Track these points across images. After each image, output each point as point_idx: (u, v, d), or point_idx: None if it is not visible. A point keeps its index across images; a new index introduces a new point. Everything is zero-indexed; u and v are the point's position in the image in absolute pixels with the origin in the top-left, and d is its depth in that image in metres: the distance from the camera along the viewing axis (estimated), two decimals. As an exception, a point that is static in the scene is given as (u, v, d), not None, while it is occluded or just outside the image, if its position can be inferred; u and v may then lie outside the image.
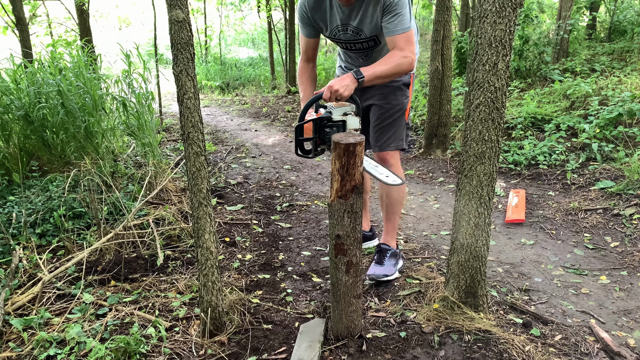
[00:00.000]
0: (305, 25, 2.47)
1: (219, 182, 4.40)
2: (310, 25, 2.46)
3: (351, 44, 2.45)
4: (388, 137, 2.52)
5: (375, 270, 2.53)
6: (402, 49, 2.22)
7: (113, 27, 13.02)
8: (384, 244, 2.66)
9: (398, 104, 2.51)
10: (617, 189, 3.63)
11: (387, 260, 2.59)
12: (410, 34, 2.24)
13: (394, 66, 2.21)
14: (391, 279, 2.53)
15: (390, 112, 2.51)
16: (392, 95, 2.50)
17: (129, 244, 2.88)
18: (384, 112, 2.51)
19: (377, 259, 2.61)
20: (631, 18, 7.05)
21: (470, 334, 2.03)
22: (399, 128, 2.53)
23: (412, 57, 2.23)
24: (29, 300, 2.30)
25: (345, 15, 2.33)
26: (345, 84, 2.11)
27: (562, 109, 5.18)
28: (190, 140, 1.88)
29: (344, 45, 2.49)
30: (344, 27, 2.38)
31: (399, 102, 2.51)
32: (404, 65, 2.22)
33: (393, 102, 2.50)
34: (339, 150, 1.80)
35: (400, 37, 2.22)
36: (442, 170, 4.76)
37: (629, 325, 2.22)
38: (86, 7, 6.62)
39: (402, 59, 2.21)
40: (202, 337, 2.05)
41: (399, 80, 2.49)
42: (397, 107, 2.51)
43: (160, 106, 7.33)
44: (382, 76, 2.21)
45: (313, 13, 2.40)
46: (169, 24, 1.80)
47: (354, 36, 2.38)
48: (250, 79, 11.85)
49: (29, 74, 3.77)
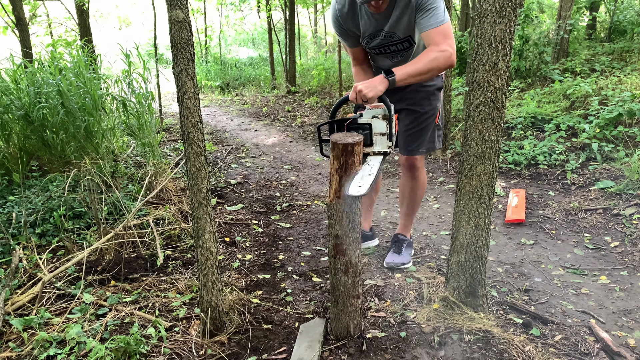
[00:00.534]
0: (346, 38, 2.45)
1: (219, 182, 4.40)
2: (349, 37, 2.44)
3: (384, 48, 2.39)
4: (420, 142, 2.51)
5: (395, 258, 2.69)
6: (438, 44, 2.11)
7: (113, 27, 13.03)
8: (401, 234, 2.83)
9: (431, 109, 2.47)
10: (617, 189, 3.63)
11: (405, 249, 2.76)
12: (446, 27, 2.13)
13: (429, 61, 2.10)
14: (408, 266, 2.69)
15: (424, 118, 2.47)
16: (425, 100, 2.45)
17: (129, 244, 2.88)
18: (417, 117, 2.48)
19: (395, 248, 2.77)
20: (631, 18, 7.05)
21: (470, 334, 2.03)
22: (430, 132, 2.51)
23: (450, 50, 2.12)
24: (29, 300, 2.30)
25: (379, 23, 2.29)
26: (371, 85, 2.05)
27: (562, 109, 5.17)
28: (190, 140, 1.88)
29: (377, 50, 2.43)
30: (376, 33, 2.34)
31: (432, 106, 2.47)
32: (440, 60, 2.10)
33: (426, 107, 2.46)
34: (337, 151, 1.80)
35: (435, 31, 2.12)
36: (442, 170, 4.76)
37: (629, 325, 2.22)
38: (86, 7, 6.62)
39: (437, 53, 2.10)
40: (202, 337, 2.05)
41: (433, 85, 2.44)
42: (430, 112, 2.48)
43: (160, 106, 7.33)
44: (417, 74, 2.10)
45: (347, 24, 2.37)
46: (169, 24, 1.80)
47: (387, 39, 2.34)
48: (250, 79, 11.85)
49: (29, 74, 3.77)
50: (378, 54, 2.47)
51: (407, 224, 2.83)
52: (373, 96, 2.04)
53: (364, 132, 2.01)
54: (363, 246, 2.96)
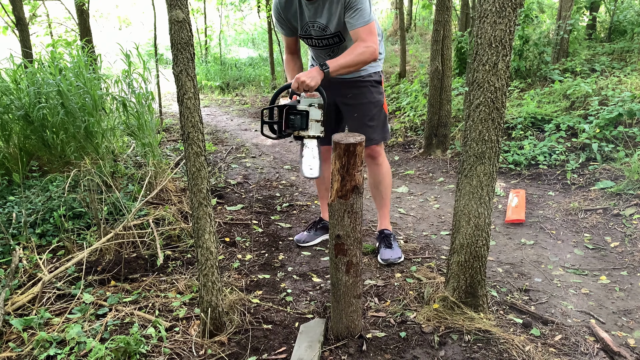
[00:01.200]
0: (282, 26, 2.67)
1: (219, 182, 4.40)
2: (286, 26, 2.66)
3: (319, 40, 2.59)
4: (372, 132, 2.68)
5: (391, 254, 2.78)
6: (364, 40, 2.37)
7: (113, 27, 13.01)
8: (386, 229, 2.93)
9: (375, 100, 2.69)
10: (617, 189, 3.63)
11: (394, 242, 2.87)
12: (371, 26, 2.39)
13: (357, 55, 2.36)
14: (402, 259, 2.80)
15: (369, 108, 2.68)
16: (367, 93, 2.68)
17: (129, 244, 2.88)
18: (363, 109, 2.69)
19: (385, 244, 2.85)
20: (631, 18, 7.04)
21: (470, 334, 2.03)
22: (380, 121, 2.72)
23: (374, 46, 2.37)
24: (29, 300, 2.30)
25: (312, 13, 2.50)
26: (311, 75, 2.27)
27: (562, 109, 5.17)
28: (190, 140, 1.88)
29: (313, 42, 2.63)
30: (312, 24, 2.54)
31: (375, 98, 2.69)
32: (366, 54, 2.36)
33: (370, 98, 2.68)
34: (339, 151, 1.80)
35: (362, 30, 2.37)
36: (442, 170, 4.76)
37: (629, 325, 2.22)
38: (86, 7, 6.62)
39: (364, 48, 2.36)
40: (202, 337, 2.05)
41: (370, 79, 2.67)
42: (374, 102, 2.69)
43: (160, 106, 7.32)
44: (346, 65, 2.36)
45: (286, 13, 2.59)
46: (169, 24, 1.80)
47: (321, 32, 2.54)
48: (250, 79, 11.84)
49: (29, 74, 3.76)
50: (314, 47, 2.69)
51: (386, 215, 2.95)
52: (314, 85, 2.26)
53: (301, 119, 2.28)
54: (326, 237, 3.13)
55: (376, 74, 2.71)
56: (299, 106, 2.31)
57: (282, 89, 2.44)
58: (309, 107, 2.30)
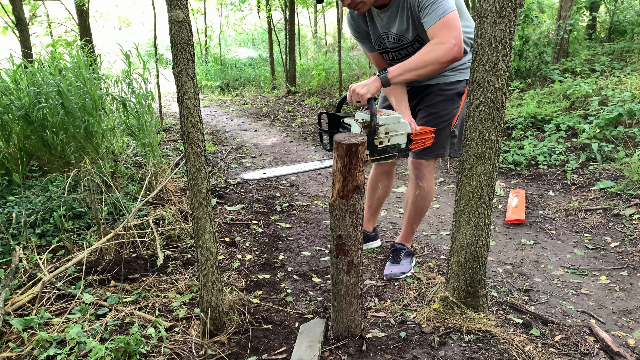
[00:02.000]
0: (362, 41, 2.41)
1: (219, 182, 4.40)
2: (365, 39, 2.40)
3: (396, 52, 2.36)
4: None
5: (392, 269, 2.62)
6: (437, 37, 2.03)
7: (113, 27, 13.01)
8: (400, 243, 2.76)
9: (446, 114, 2.39)
10: (617, 189, 3.63)
11: (403, 258, 2.69)
12: (447, 19, 2.02)
13: (425, 54, 2.02)
14: (408, 275, 2.63)
15: (437, 122, 2.40)
16: (441, 104, 2.38)
17: (129, 244, 2.88)
18: (430, 120, 2.41)
19: (392, 258, 2.70)
20: (631, 18, 7.04)
21: (470, 334, 2.03)
22: (440, 138, 2.42)
23: (452, 42, 2.00)
24: (29, 301, 2.30)
25: (385, 23, 2.26)
26: (364, 84, 2.03)
27: (562, 109, 5.17)
28: (190, 140, 1.88)
29: (390, 56, 2.40)
30: (386, 35, 2.30)
31: (448, 112, 2.39)
32: (438, 51, 2.01)
33: (441, 112, 2.38)
34: (341, 151, 1.80)
35: (436, 26, 2.03)
36: (442, 170, 4.76)
37: (629, 325, 2.22)
38: (86, 7, 6.62)
39: (433, 46, 2.02)
40: (202, 337, 2.05)
41: (453, 89, 2.37)
42: (445, 117, 2.39)
43: (160, 106, 7.32)
44: (412, 68, 2.02)
45: (360, 25, 2.36)
46: (169, 24, 1.80)
47: (397, 43, 2.30)
48: (250, 79, 11.84)
49: (29, 74, 3.77)
50: (393, 61, 2.41)
51: (408, 234, 2.73)
52: (364, 94, 2.01)
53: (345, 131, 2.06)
54: (365, 247, 2.95)
55: (462, 84, 2.37)
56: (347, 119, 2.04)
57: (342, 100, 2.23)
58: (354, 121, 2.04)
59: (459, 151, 2.44)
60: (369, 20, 2.31)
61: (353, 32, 2.41)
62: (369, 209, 2.92)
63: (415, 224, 2.69)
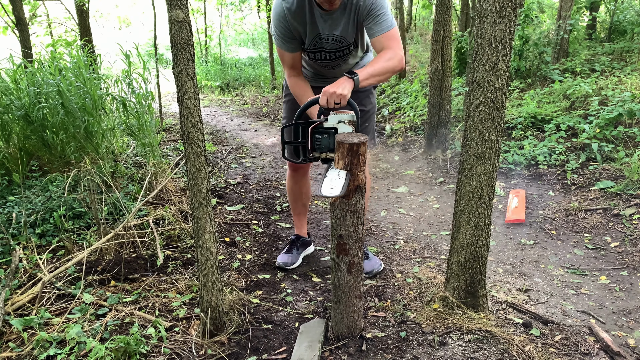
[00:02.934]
0: (288, 40, 2.33)
1: (219, 182, 4.40)
2: (293, 38, 2.33)
3: (331, 53, 2.38)
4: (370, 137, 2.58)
5: (367, 266, 2.65)
6: (390, 47, 2.18)
7: (113, 27, 13.02)
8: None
9: (372, 107, 2.60)
10: (617, 189, 3.63)
11: (369, 253, 2.79)
12: (395, 32, 2.22)
13: (386, 64, 2.16)
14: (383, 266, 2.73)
15: (367, 115, 2.57)
16: (366, 99, 2.54)
17: (129, 244, 2.88)
18: (371, 114, 2.60)
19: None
20: (631, 18, 7.05)
21: (471, 334, 2.03)
22: (371, 129, 2.63)
23: (401, 54, 2.20)
24: (29, 300, 2.30)
25: (328, 25, 2.27)
26: (341, 85, 2.01)
27: (562, 109, 5.17)
28: (190, 140, 1.88)
29: (322, 56, 2.40)
30: (326, 36, 2.31)
31: (373, 104, 2.60)
32: (395, 62, 2.17)
33: (368, 106, 2.56)
34: (342, 150, 1.80)
35: (387, 36, 2.19)
36: (442, 170, 4.76)
37: (629, 325, 2.22)
38: (86, 7, 6.62)
39: (392, 56, 2.17)
40: (202, 337, 2.05)
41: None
42: (372, 109, 2.60)
43: (160, 106, 7.32)
44: (376, 74, 2.15)
45: (294, 23, 2.29)
46: (169, 24, 1.80)
47: (337, 44, 2.34)
48: (250, 79, 11.84)
49: (29, 74, 3.77)
50: (321, 60, 2.42)
51: None
52: (347, 94, 2.00)
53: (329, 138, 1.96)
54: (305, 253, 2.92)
55: None
56: (326, 123, 1.97)
57: (310, 104, 2.11)
58: (337, 124, 1.97)
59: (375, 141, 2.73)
60: (309, 19, 2.26)
61: (282, 30, 2.30)
62: (300, 215, 2.91)
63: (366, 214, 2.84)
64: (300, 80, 2.46)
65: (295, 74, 2.45)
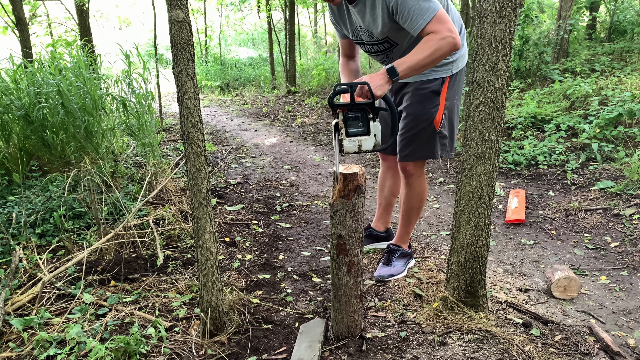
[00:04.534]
0: (336, 26, 2.52)
1: (219, 182, 4.40)
2: (338, 26, 2.50)
3: (371, 46, 2.38)
4: (412, 148, 2.41)
5: (381, 271, 2.57)
6: (437, 32, 2.00)
7: (113, 27, 13.02)
8: (394, 244, 2.69)
9: (424, 114, 2.37)
10: (617, 189, 3.63)
11: (396, 260, 2.63)
12: (438, 15, 2.01)
13: (432, 51, 2.00)
14: (398, 277, 2.57)
15: (416, 122, 2.39)
16: (419, 104, 2.38)
17: (129, 244, 2.88)
18: (410, 120, 2.40)
19: (385, 259, 2.64)
20: (631, 18, 7.05)
21: (470, 334, 2.03)
22: (424, 138, 2.40)
23: (451, 35, 2.00)
24: (29, 300, 2.30)
25: (358, 17, 2.28)
26: (377, 84, 1.96)
27: (562, 109, 5.18)
28: (190, 140, 1.88)
29: (366, 48, 2.43)
30: (360, 28, 2.33)
31: (426, 111, 2.37)
32: (444, 46, 2.00)
33: (420, 112, 2.37)
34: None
35: (429, 27, 2.02)
36: (442, 170, 4.76)
37: (629, 325, 2.22)
38: (86, 7, 6.62)
39: (439, 41, 1.99)
40: (202, 337, 2.05)
41: (427, 88, 2.35)
42: (424, 117, 2.37)
43: (160, 106, 7.33)
44: (420, 65, 2.01)
45: (337, 17, 2.44)
46: (169, 24, 1.80)
47: (369, 37, 2.32)
48: (250, 79, 11.85)
49: (29, 74, 3.77)
50: (368, 53, 2.49)
51: (402, 234, 2.68)
52: (380, 95, 1.97)
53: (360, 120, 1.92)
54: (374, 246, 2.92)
55: (436, 82, 2.35)
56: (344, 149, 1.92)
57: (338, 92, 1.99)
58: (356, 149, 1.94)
59: (451, 152, 2.46)
60: (346, 11, 2.36)
61: (331, 16, 2.48)
62: (379, 207, 2.90)
63: (408, 224, 2.64)
64: (346, 62, 2.62)
65: (344, 55, 2.63)
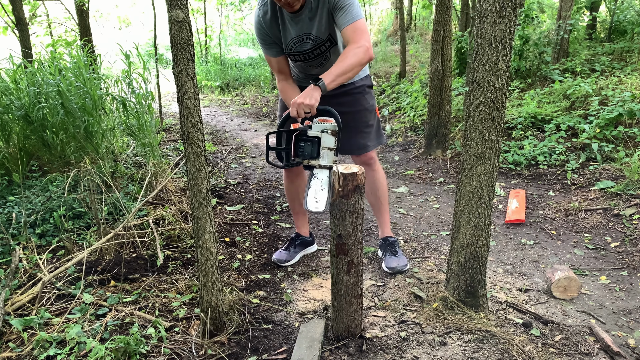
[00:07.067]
0: (269, 45, 2.43)
1: (219, 182, 4.40)
2: (273, 43, 2.42)
3: (309, 53, 2.41)
4: (370, 138, 2.61)
5: (398, 262, 2.67)
6: (354, 41, 2.17)
7: (113, 27, 13.02)
8: (389, 236, 2.84)
9: (370, 106, 2.59)
10: (617, 189, 3.63)
11: (399, 249, 2.79)
12: (360, 23, 2.20)
13: (350, 59, 2.14)
14: (408, 267, 2.71)
15: (365, 114, 2.57)
16: (362, 99, 2.55)
17: (129, 244, 2.88)
18: (360, 116, 2.57)
19: (391, 251, 2.75)
20: (631, 18, 7.04)
21: (470, 334, 2.03)
22: (375, 127, 2.63)
23: (367, 45, 2.17)
24: (29, 301, 2.30)
25: (299, 26, 2.31)
26: (307, 94, 2.02)
27: (562, 109, 5.17)
28: (190, 140, 1.88)
29: (301, 57, 2.44)
30: (301, 38, 2.35)
31: (370, 104, 2.59)
32: (359, 54, 2.15)
33: (365, 104, 2.56)
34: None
35: (352, 28, 2.18)
36: (442, 170, 4.76)
37: (629, 325, 2.22)
38: (86, 7, 6.62)
39: (356, 50, 2.15)
40: (202, 337, 2.05)
41: (362, 84, 2.55)
42: (370, 108, 2.59)
43: (160, 106, 7.32)
44: (342, 73, 2.13)
45: (270, 29, 2.38)
46: (169, 24, 1.80)
47: (312, 43, 2.37)
48: (250, 79, 11.84)
49: (29, 74, 3.77)
50: (303, 61, 2.46)
51: (386, 223, 2.84)
52: (314, 103, 2.01)
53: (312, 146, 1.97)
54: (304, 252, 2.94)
55: (367, 78, 2.59)
56: (310, 132, 1.98)
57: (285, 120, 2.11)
58: (321, 134, 1.98)
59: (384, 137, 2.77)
60: (281, 25, 2.35)
61: (262, 36, 2.41)
62: (297, 215, 2.92)
63: (385, 211, 2.81)
64: (288, 84, 2.51)
65: (283, 78, 2.51)
